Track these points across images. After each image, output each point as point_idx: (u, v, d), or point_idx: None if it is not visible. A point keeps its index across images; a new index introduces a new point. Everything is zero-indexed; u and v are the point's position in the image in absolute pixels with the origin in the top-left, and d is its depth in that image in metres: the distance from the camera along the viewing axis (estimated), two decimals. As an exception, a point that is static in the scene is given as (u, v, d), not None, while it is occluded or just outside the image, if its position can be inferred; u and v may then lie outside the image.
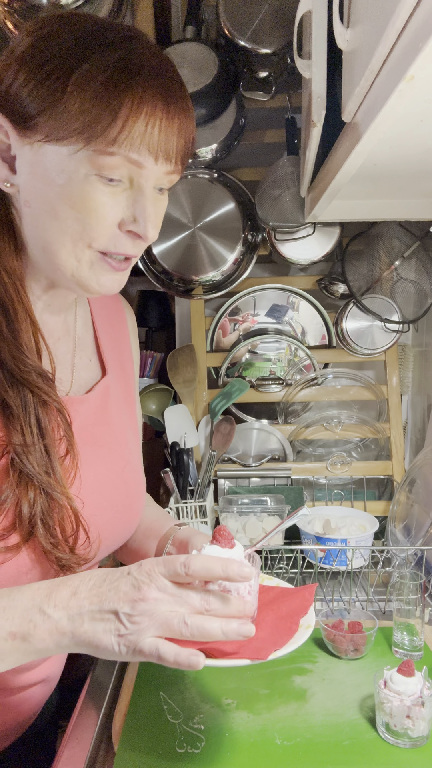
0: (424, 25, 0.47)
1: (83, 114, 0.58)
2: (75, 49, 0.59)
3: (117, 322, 0.89)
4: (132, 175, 0.63)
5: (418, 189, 1.04)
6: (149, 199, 0.64)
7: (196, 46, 1.32)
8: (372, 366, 1.60)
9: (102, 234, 0.63)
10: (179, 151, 0.64)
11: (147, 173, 0.63)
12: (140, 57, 0.61)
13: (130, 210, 0.63)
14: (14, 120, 0.62)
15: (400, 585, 0.99)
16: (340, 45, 0.73)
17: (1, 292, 0.66)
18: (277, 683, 0.92)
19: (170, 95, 0.61)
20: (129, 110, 0.58)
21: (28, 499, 0.63)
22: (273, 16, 1.24)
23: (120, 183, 0.62)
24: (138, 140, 0.60)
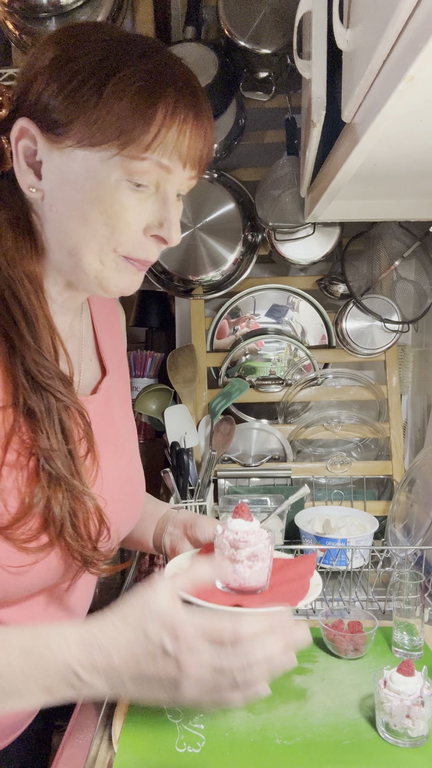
0: (423, 25, 0.47)
1: (119, 121, 0.59)
2: (109, 58, 0.61)
3: (113, 321, 0.90)
4: (159, 181, 0.64)
5: (418, 189, 1.04)
6: (173, 204, 0.65)
7: (196, 46, 1.32)
8: (372, 366, 1.60)
9: (129, 239, 0.64)
10: (205, 157, 0.66)
11: (173, 179, 0.64)
12: (170, 67, 0.63)
13: (156, 215, 0.65)
14: (44, 126, 0.63)
15: (399, 585, 0.99)
16: (340, 45, 0.73)
17: (23, 298, 0.66)
18: (277, 683, 0.91)
19: (199, 104, 0.64)
20: (163, 117, 0.60)
21: (57, 500, 0.65)
22: (273, 17, 1.24)
23: (147, 189, 0.64)
24: (171, 147, 0.61)
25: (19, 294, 0.66)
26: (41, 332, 0.67)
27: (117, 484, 0.78)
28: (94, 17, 1.37)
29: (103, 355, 0.84)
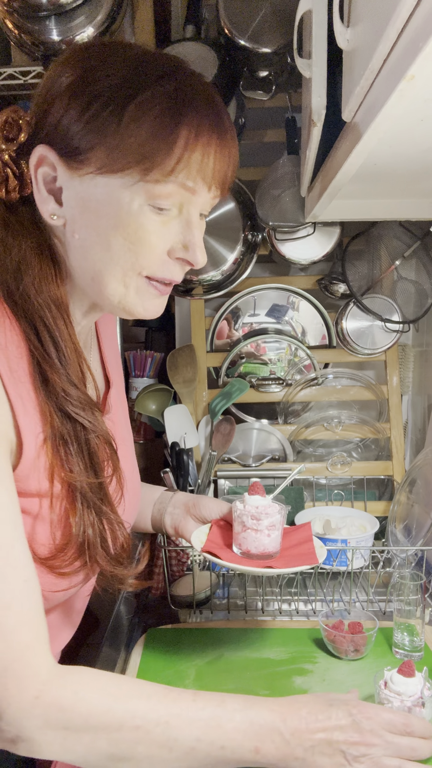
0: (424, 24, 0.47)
1: (140, 146, 0.59)
2: (128, 81, 0.60)
3: (111, 327, 0.90)
4: (183, 203, 0.63)
5: (418, 189, 1.04)
6: (197, 225, 0.65)
7: (196, 45, 1.32)
8: (372, 366, 1.60)
9: (153, 262, 0.64)
10: (230, 178, 0.65)
11: (197, 200, 0.64)
12: (192, 87, 0.62)
13: (179, 237, 0.64)
14: (63, 153, 0.62)
15: (400, 585, 0.98)
16: (341, 44, 0.73)
17: (51, 325, 0.65)
18: (278, 684, 0.91)
19: (223, 124, 0.63)
20: (186, 141, 0.59)
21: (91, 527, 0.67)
22: (273, 16, 1.24)
23: (170, 211, 0.63)
24: (195, 170, 0.61)
25: (47, 321, 0.65)
26: (70, 358, 0.66)
27: (127, 498, 0.79)
28: (94, 16, 1.37)
29: (107, 365, 0.84)
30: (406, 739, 0.68)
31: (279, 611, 1.15)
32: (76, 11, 1.36)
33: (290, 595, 1.19)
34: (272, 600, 1.18)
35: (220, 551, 0.86)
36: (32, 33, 1.37)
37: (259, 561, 0.85)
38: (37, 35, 1.37)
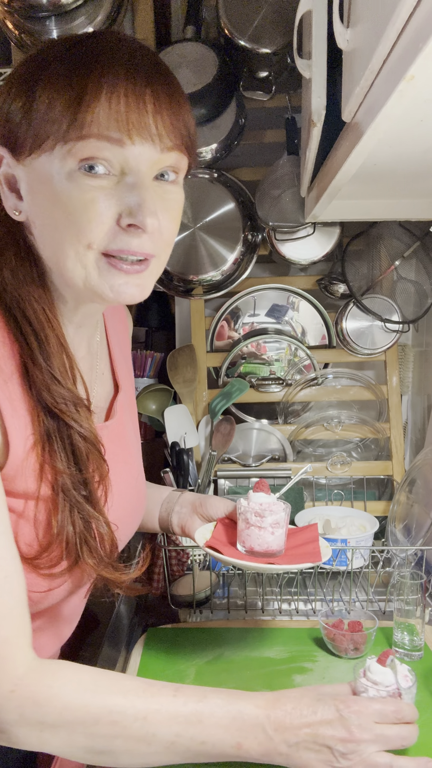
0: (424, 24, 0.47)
1: (52, 110, 0.59)
2: (43, 57, 0.61)
3: (122, 330, 0.90)
4: (120, 166, 0.61)
5: (418, 189, 1.04)
6: (142, 186, 0.61)
7: (196, 45, 1.32)
8: (372, 366, 1.60)
9: (98, 231, 0.61)
10: (164, 129, 0.61)
11: (132, 157, 0.60)
12: (102, 45, 0.61)
13: (125, 201, 0.61)
14: (9, 147, 0.64)
15: (400, 585, 0.99)
16: (340, 45, 0.73)
17: (33, 319, 0.65)
18: (278, 682, 0.92)
19: (136, 73, 0.60)
20: (90, 92, 0.58)
21: (74, 525, 0.66)
22: (273, 16, 1.24)
23: (110, 177, 0.61)
24: (104, 119, 0.58)
25: (28, 314, 0.65)
26: (53, 352, 0.66)
27: (127, 500, 0.79)
28: (94, 17, 1.37)
29: (116, 369, 0.84)
30: (395, 728, 0.67)
31: (279, 611, 1.15)
32: (77, 12, 1.36)
33: (290, 594, 1.19)
34: (272, 600, 1.19)
35: (223, 548, 0.86)
36: (32, 33, 1.37)
37: (262, 559, 0.85)
38: (37, 36, 1.37)
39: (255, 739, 0.64)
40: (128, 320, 0.94)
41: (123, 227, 0.61)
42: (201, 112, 1.32)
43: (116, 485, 0.75)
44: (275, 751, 0.65)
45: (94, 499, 0.69)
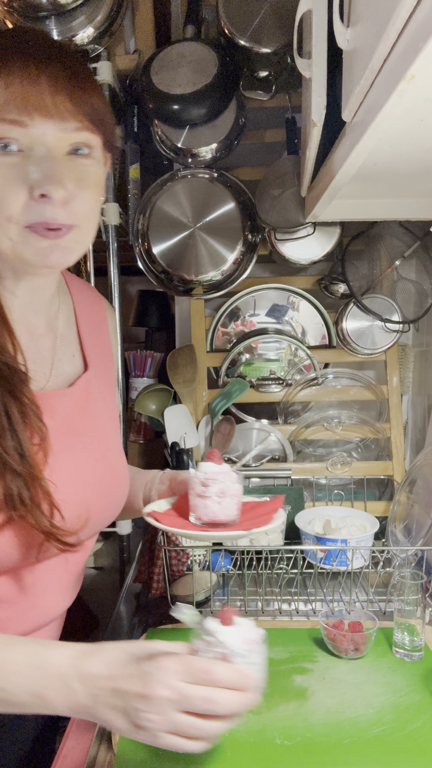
0: (424, 24, 0.47)
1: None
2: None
3: (98, 320, 0.92)
4: (29, 143, 0.65)
5: (418, 189, 1.04)
6: (51, 159, 0.66)
7: (196, 45, 1.32)
8: (372, 366, 1.60)
9: (14, 205, 0.65)
10: (65, 106, 0.65)
11: (38, 134, 0.65)
12: (9, 37, 0.67)
13: (36, 174, 0.65)
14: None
15: (400, 585, 0.99)
16: (341, 44, 0.73)
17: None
18: (277, 682, 0.91)
19: (31, 57, 0.65)
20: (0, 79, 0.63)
21: (8, 482, 0.68)
22: (273, 16, 1.24)
23: (21, 154, 0.65)
24: (10, 100, 0.63)
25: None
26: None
27: (87, 472, 0.80)
28: (94, 16, 1.37)
29: (86, 351, 0.86)
30: (202, 689, 0.60)
31: (279, 611, 1.15)
32: (76, 11, 1.36)
33: (290, 595, 1.19)
34: (272, 600, 1.19)
35: (168, 518, 0.83)
36: (32, 33, 1.37)
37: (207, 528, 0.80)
38: (37, 35, 1.37)
39: (57, 691, 0.62)
40: (108, 311, 0.96)
41: (35, 198, 0.66)
42: (201, 111, 1.32)
43: (75, 456, 0.77)
44: (78, 704, 0.61)
45: (31, 459, 0.70)
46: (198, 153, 1.39)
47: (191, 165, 1.43)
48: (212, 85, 1.29)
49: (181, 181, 1.42)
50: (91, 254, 1.53)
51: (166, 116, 1.33)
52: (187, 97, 1.29)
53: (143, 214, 1.46)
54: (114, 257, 1.47)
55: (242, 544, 1.29)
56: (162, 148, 1.43)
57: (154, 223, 1.42)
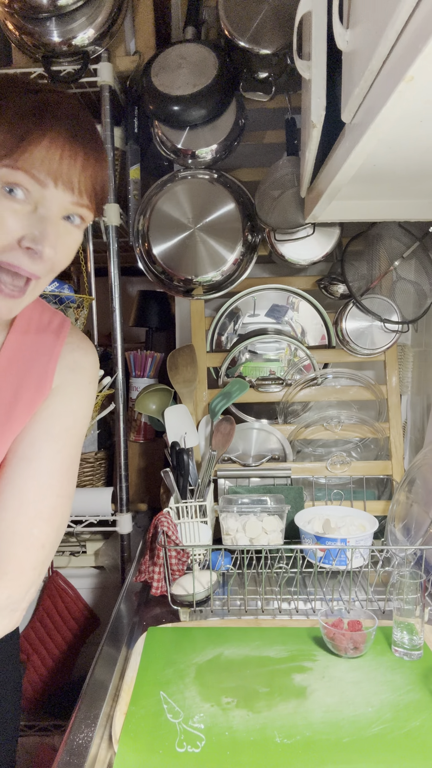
0: (423, 25, 0.48)
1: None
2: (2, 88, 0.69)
3: (43, 361, 0.85)
4: (36, 199, 0.68)
5: (417, 189, 1.04)
6: (50, 221, 0.69)
7: (196, 46, 1.32)
8: (372, 366, 1.61)
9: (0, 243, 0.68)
10: (84, 185, 0.71)
11: (50, 197, 0.69)
12: (57, 102, 0.70)
13: (31, 230, 0.69)
14: None
15: (400, 584, 0.99)
16: (340, 46, 0.74)
17: None
18: (277, 681, 0.92)
19: (77, 134, 0.69)
20: (34, 137, 0.67)
21: None
22: (273, 17, 1.25)
23: (25, 204, 0.68)
24: (39, 162, 0.67)
25: None
26: None
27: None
28: (94, 18, 1.38)
29: None
30: None
31: (279, 610, 1.16)
32: (77, 13, 1.36)
33: (290, 594, 1.19)
34: (272, 599, 1.19)
35: None
36: (33, 34, 1.38)
37: None
38: (37, 36, 1.38)
39: None
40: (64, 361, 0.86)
41: (22, 247, 0.69)
42: (201, 112, 1.32)
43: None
44: None
45: None
46: (198, 154, 1.39)
47: (191, 166, 1.44)
48: (212, 87, 1.29)
49: (181, 182, 1.42)
50: (92, 255, 1.53)
51: (167, 117, 1.34)
52: (187, 98, 1.30)
53: (143, 215, 1.46)
54: (114, 258, 1.47)
55: (242, 543, 1.29)
56: (162, 149, 1.44)
57: (154, 224, 1.42)
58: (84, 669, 1.60)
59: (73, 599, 1.62)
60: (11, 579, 0.72)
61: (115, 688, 0.93)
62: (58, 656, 1.60)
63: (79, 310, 1.47)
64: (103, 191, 0.75)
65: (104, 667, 0.97)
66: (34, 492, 0.76)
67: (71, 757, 0.76)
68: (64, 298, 1.41)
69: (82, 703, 0.87)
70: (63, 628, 1.61)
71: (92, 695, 0.89)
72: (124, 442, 1.51)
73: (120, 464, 1.51)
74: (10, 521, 0.74)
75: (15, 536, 0.74)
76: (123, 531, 1.53)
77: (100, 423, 1.65)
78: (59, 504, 0.78)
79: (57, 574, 1.62)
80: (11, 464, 0.78)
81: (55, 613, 1.61)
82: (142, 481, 1.73)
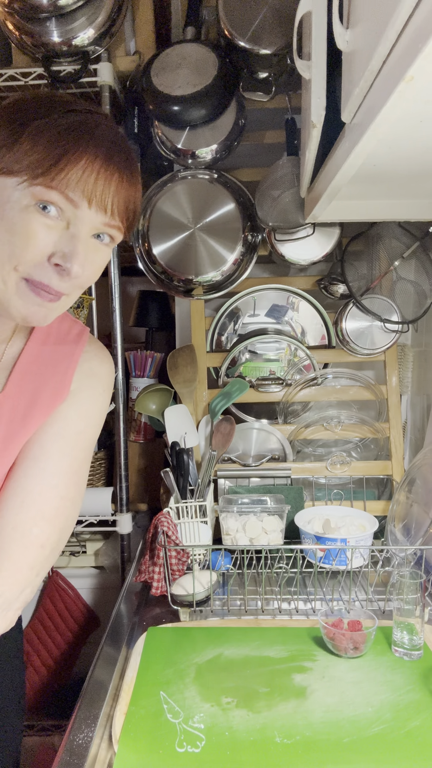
0: (423, 25, 0.48)
1: (33, 155, 0.67)
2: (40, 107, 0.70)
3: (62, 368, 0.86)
4: (69, 217, 0.69)
5: (417, 189, 1.04)
6: (81, 240, 0.70)
7: (196, 46, 1.32)
8: (371, 366, 1.61)
9: (29, 260, 0.68)
10: (117, 206, 0.71)
11: (82, 216, 0.69)
12: (95, 124, 0.71)
13: (61, 246, 0.69)
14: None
15: (400, 584, 0.99)
16: (340, 46, 0.74)
17: None
18: (277, 681, 0.92)
19: (113, 156, 0.70)
20: (71, 157, 0.68)
21: None
22: (273, 17, 1.25)
23: (57, 221, 0.69)
24: (74, 183, 0.67)
25: None
26: None
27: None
28: (95, 18, 1.38)
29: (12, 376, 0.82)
30: None
31: (279, 610, 1.16)
32: (77, 13, 1.36)
33: (290, 594, 1.19)
34: (272, 599, 1.19)
35: None
36: (33, 34, 1.38)
37: None
38: (37, 36, 1.38)
39: None
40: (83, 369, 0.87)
41: (51, 264, 0.70)
42: (201, 112, 1.32)
43: None
44: None
45: None
46: (198, 154, 1.39)
47: (191, 166, 1.44)
48: (212, 87, 1.29)
49: (181, 182, 1.42)
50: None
51: (167, 117, 1.34)
52: (187, 98, 1.30)
53: (143, 215, 1.46)
54: (114, 258, 1.47)
55: (242, 543, 1.29)
56: (162, 149, 1.44)
57: (154, 224, 1.42)
58: (84, 669, 1.60)
59: (73, 599, 1.62)
60: (6, 576, 0.72)
61: (115, 688, 0.93)
62: (58, 656, 1.60)
63: (79, 310, 1.47)
64: (135, 213, 0.76)
65: (104, 667, 0.97)
66: (37, 491, 0.76)
67: (71, 757, 0.76)
68: (64, 298, 1.40)
69: (82, 703, 0.87)
70: (63, 628, 1.61)
71: (92, 695, 0.89)
72: (124, 442, 1.51)
73: (120, 464, 1.51)
74: (10, 518, 0.74)
75: (14, 533, 0.74)
76: (123, 531, 1.53)
77: (100, 423, 1.65)
78: (63, 506, 0.77)
79: (57, 574, 1.62)
80: (20, 463, 0.79)
81: (55, 613, 1.61)
82: (142, 481, 1.74)
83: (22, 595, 0.74)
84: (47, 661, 1.59)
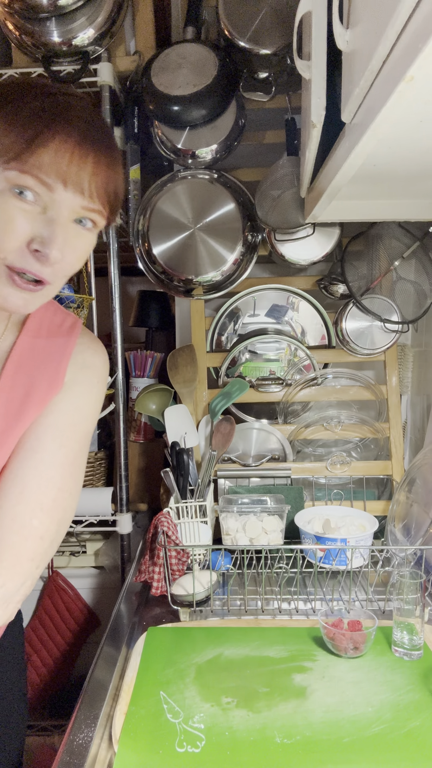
0: (423, 25, 0.48)
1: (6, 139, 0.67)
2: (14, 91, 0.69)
3: (56, 360, 0.86)
4: (46, 202, 0.68)
5: (417, 189, 1.04)
6: (59, 224, 0.69)
7: (196, 46, 1.32)
8: (372, 366, 1.61)
9: (9, 247, 0.68)
10: (96, 188, 0.70)
11: (59, 200, 0.68)
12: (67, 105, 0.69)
13: (40, 231, 0.68)
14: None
15: (400, 584, 0.99)
16: (340, 46, 0.74)
17: None
18: (277, 681, 0.92)
19: (87, 137, 0.68)
20: (42, 139, 0.66)
21: None
22: (273, 17, 1.25)
23: (34, 206, 0.68)
24: (47, 165, 0.66)
25: None
26: None
27: None
28: (94, 18, 1.38)
29: (4, 372, 0.82)
30: None
31: (279, 610, 1.16)
32: (77, 13, 1.36)
33: (290, 594, 1.19)
34: (272, 599, 1.19)
35: None
36: (33, 34, 1.38)
37: None
38: (37, 36, 1.38)
39: None
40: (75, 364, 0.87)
41: (30, 250, 0.69)
42: (201, 112, 1.32)
43: None
44: None
45: None
46: (198, 154, 1.39)
47: (191, 166, 1.44)
48: (212, 87, 1.29)
49: (181, 182, 1.42)
50: (92, 255, 1.53)
51: (167, 117, 1.34)
52: (187, 98, 1.30)
53: (143, 215, 1.46)
54: (114, 258, 1.47)
55: (242, 543, 1.29)
56: (162, 149, 1.44)
57: (154, 224, 1.42)
58: (84, 669, 1.60)
59: (73, 599, 1.62)
60: (7, 567, 0.72)
61: (115, 688, 0.93)
62: (58, 656, 1.60)
63: (79, 310, 1.47)
64: (117, 195, 0.74)
65: (104, 667, 0.97)
66: (35, 483, 0.76)
67: (71, 757, 0.76)
68: (64, 298, 1.41)
69: (82, 703, 0.87)
70: (63, 628, 1.61)
71: (92, 695, 0.89)
72: (124, 442, 1.51)
73: (120, 464, 1.51)
74: (9, 509, 0.74)
75: (14, 524, 0.74)
76: (123, 531, 1.53)
77: (100, 423, 1.65)
78: (60, 498, 0.78)
79: (57, 574, 1.62)
80: (17, 455, 0.79)
81: (55, 613, 1.61)
82: (142, 481, 1.74)
83: (22, 587, 0.74)
84: (47, 661, 1.59)
